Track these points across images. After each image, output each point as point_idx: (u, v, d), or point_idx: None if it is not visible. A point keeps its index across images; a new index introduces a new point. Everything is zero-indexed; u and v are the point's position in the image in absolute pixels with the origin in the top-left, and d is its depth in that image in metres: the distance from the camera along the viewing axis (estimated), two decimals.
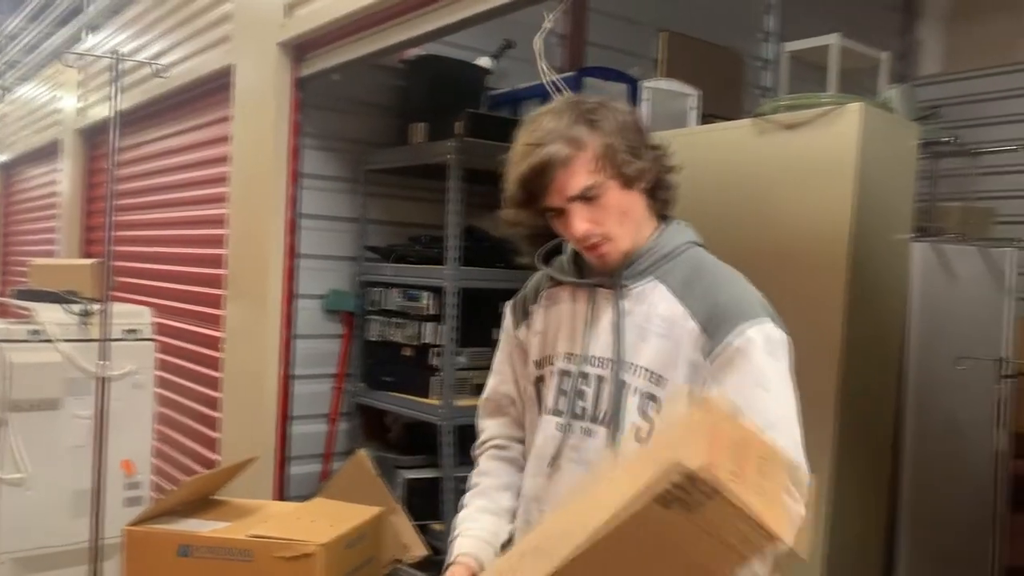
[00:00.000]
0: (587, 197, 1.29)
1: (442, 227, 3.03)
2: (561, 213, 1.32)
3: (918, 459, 2.83)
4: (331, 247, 3.43)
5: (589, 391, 1.36)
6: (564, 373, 1.40)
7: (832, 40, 3.45)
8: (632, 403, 1.32)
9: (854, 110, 2.52)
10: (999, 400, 2.82)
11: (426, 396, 3.07)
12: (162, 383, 3.98)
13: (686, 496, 0.94)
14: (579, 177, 1.28)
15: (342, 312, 3.45)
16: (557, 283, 1.48)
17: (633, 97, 3.33)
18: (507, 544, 1.47)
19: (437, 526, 3.01)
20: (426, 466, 3.13)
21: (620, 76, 3.35)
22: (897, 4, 5.06)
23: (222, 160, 3.73)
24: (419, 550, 2.82)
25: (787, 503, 1.00)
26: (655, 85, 3.36)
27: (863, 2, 4.71)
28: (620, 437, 1.31)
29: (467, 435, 3.04)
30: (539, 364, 1.46)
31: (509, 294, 3.43)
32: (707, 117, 3.44)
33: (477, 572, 1.41)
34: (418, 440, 3.31)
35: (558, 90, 2.33)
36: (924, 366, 2.95)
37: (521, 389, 1.53)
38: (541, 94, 3.35)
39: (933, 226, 3.30)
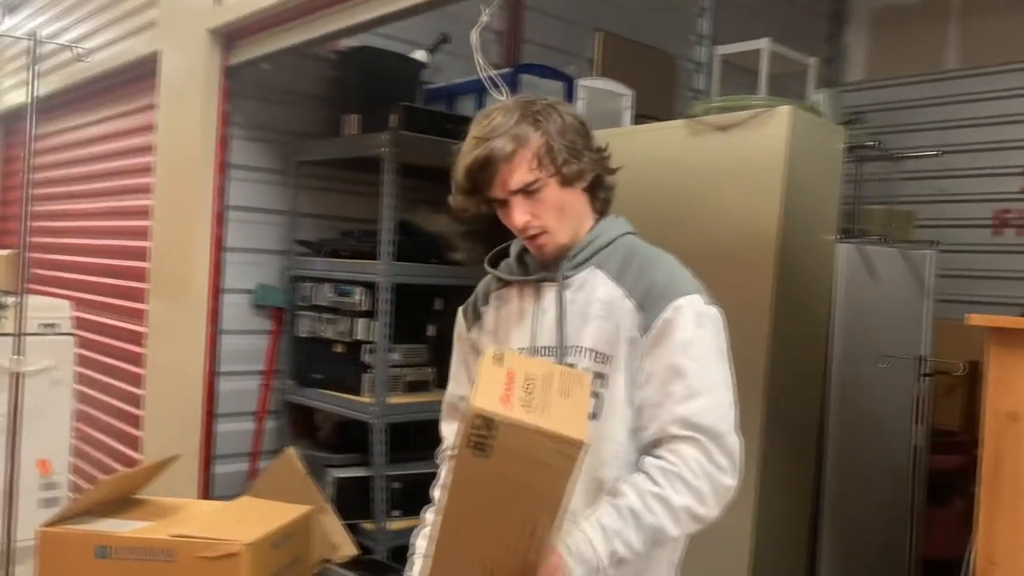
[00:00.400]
0: (527, 192, 1.39)
1: (375, 221, 2.99)
2: (504, 204, 1.41)
3: (840, 453, 2.91)
4: (260, 240, 3.35)
5: None
6: None
7: (763, 44, 3.53)
8: None
9: (783, 113, 2.58)
10: (918, 397, 2.92)
11: (358, 394, 3.03)
12: (82, 379, 3.85)
13: (487, 435, 1.07)
14: (520, 173, 1.38)
15: (271, 307, 3.38)
16: (506, 284, 1.55)
17: (569, 95, 3.34)
18: None
19: (368, 525, 2.97)
20: (357, 464, 3.09)
21: (556, 74, 3.36)
22: (825, 11, 5.20)
23: (147, 149, 3.62)
24: (349, 549, 2.78)
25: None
26: (591, 84, 3.38)
27: (793, 8, 4.82)
28: None
29: (400, 433, 3.02)
30: None
31: (443, 290, 3.44)
32: (641, 117, 3.47)
33: None
34: (349, 439, 3.27)
35: (495, 86, 2.32)
36: (847, 363, 3.03)
37: None
38: (477, 89, 3.35)
39: (857, 228, 3.39)
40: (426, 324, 3.23)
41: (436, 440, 1.60)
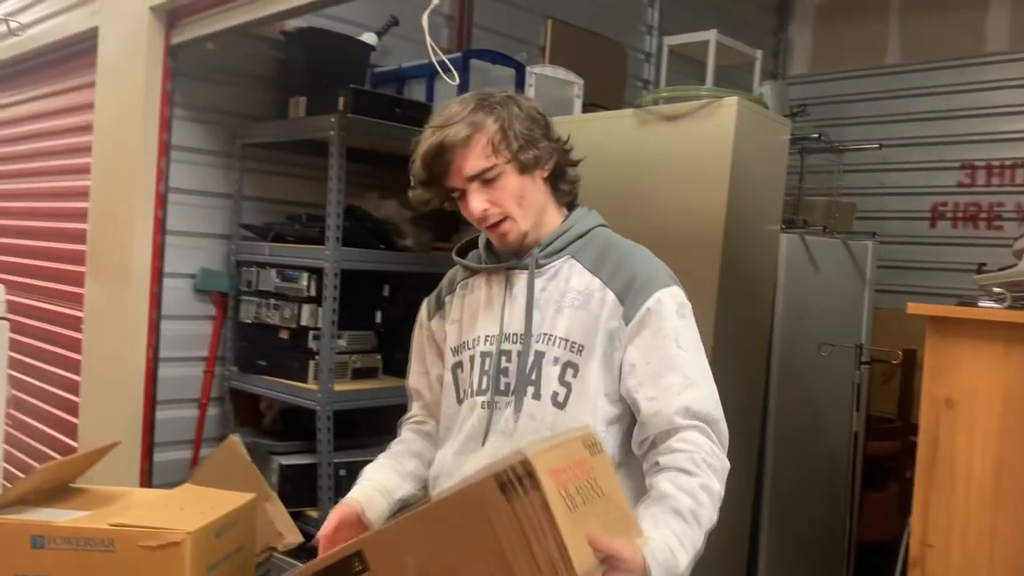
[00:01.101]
0: (485, 179, 1.38)
1: (323, 206, 2.95)
2: (462, 195, 1.40)
3: (781, 439, 2.97)
4: (203, 224, 3.28)
5: (512, 367, 1.42)
6: (485, 355, 1.46)
7: (710, 36, 3.56)
8: (552, 371, 1.39)
9: (731, 104, 2.61)
10: (856, 385, 2.99)
11: (304, 380, 2.99)
12: (16, 365, 3.73)
13: (516, 483, 1.02)
14: (475, 159, 1.37)
15: (214, 293, 3.32)
16: (473, 273, 1.54)
17: (519, 82, 3.33)
18: (407, 508, 1.51)
19: (313, 513, 2.95)
20: (302, 452, 3.06)
21: (507, 60, 3.35)
22: (771, 4, 5.27)
23: (85, 129, 3.51)
24: (294, 537, 2.75)
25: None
26: (540, 71, 3.39)
27: (739, 1, 4.88)
28: (538, 404, 1.39)
29: (346, 420, 2.99)
30: (456, 351, 1.51)
31: (392, 276, 3.41)
32: (590, 106, 3.48)
33: (359, 514, 1.47)
34: (294, 426, 3.23)
35: (445, 70, 2.30)
36: (789, 351, 3.09)
37: (431, 380, 1.60)
38: (427, 73, 3.32)
39: (800, 219, 3.46)
40: (374, 311, 3.21)
41: (383, 427, 1.61)
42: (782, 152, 2.95)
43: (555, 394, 1.38)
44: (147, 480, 3.11)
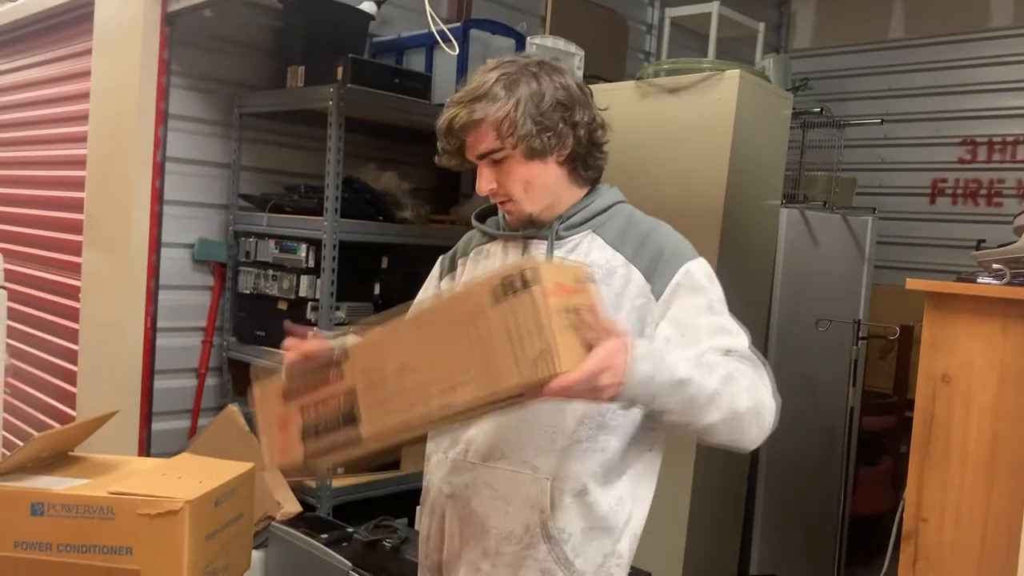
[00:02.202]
0: (493, 160, 1.38)
1: (321, 177, 2.93)
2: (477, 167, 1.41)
3: (777, 413, 2.98)
4: (200, 194, 3.26)
5: None
6: None
7: (712, 8, 3.52)
8: None
9: (732, 77, 2.59)
10: (854, 360, 2.99)
11: None
12: (14, 334, 3.73)
13: (518, 287, 1.04)
14: (484, 141, 1.36)
15: (212, 263, 3.31)
16: (490, 239, 1.53)
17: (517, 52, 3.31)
18: None
19: (310, 483, 2.96)
20: None
21: (507, 31, 3.31)
22: None
23: (82, 97, 3.48)
24: (292, 506, 2.77)
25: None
26: (541, 43, 3.35)
27: None
28: None
29: None
30: None
31: (390, 248, 3.40)
32: (591, 78, 3.45)
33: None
34: None
35: (444, 40, 2.28)
36: (787, 326, 3.10)
37: None
38: (426, 43, 3.29)
39: (800, 193, 3.45)
40: (372, 282, 3.20)
41: None
42: (784, 126, 2.93)
43: None
44: (145, 449, 3.12)
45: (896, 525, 2.09)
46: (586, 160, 1.43)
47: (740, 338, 1.32)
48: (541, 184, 1.40)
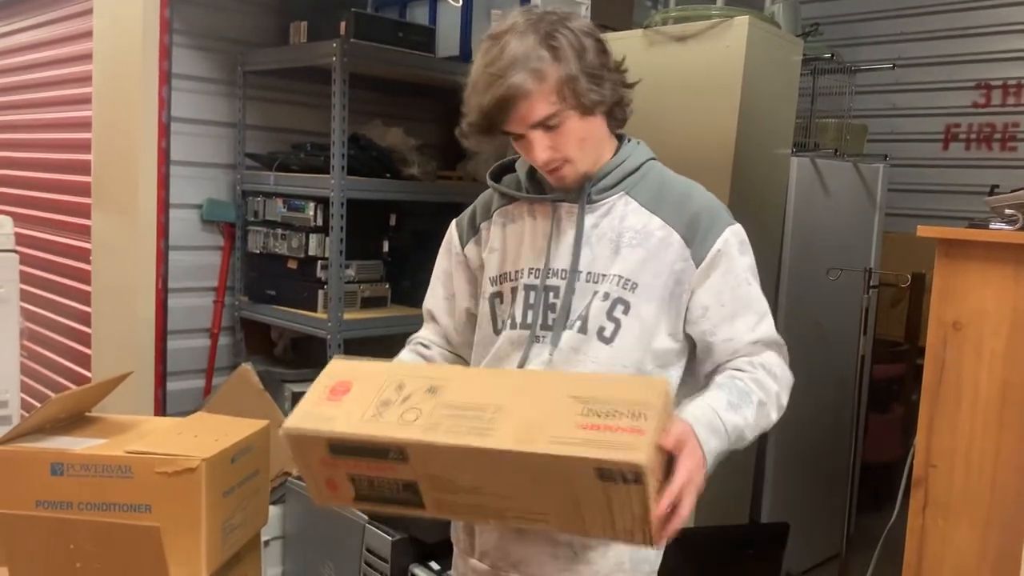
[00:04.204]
0: (548, 126, 1.30)
1: (326, 134, 2.92)
2: (521, 137, 1.32)
3: (789, 362, 2.98)
4: (207, 154, 3.25)
5: (558, 303, 1.38)
6: (529, 288, 1.41)
7: None
8: (601, 307, 1.35)
9: (741, 23, 2.55)
10: (864, 308, 2.99)
11: (313, 310, 3.01)
12: (28, 297, 3.76)
13: (623, 477, 1.00)
14: (540, 108, 1.28)
15: (221, 223, 3.31)
16: (511, 200, 1.47)
17: (523, 4, 3.25)
18: None
19: None
20: (313, 380, 3.09)
21: None
22: None
23: (84, 58, 3.46)
24: None
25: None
26: None
27: None
28: (583, 338, 1.36)
29: (355, 348, 3.01)
30: (498, 280, 1.46)
31: (398, 205, 3.39)
32: (597, 26, 3.40)
33: None
34: (305, 354, 3.26)
35: None
36: (798, 275, 3.08)
37: (455, 306, 1.54)
38: None
39: (811, 141, 3.41)
40: (381, 240, 3.20)
41: (393, 355, 1.58)
42: (794, 73, 2.89)
43: (601, 329, 1.35)
44: (161, 409, 3.16)
45: (906, 472, 2.10)
46: (619, 106, 1.39)
47: (766, 320, 1.37)
48: (594, 139, 1.36)
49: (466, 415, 1.09)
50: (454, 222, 1.56)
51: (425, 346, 1.58)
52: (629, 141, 1.45)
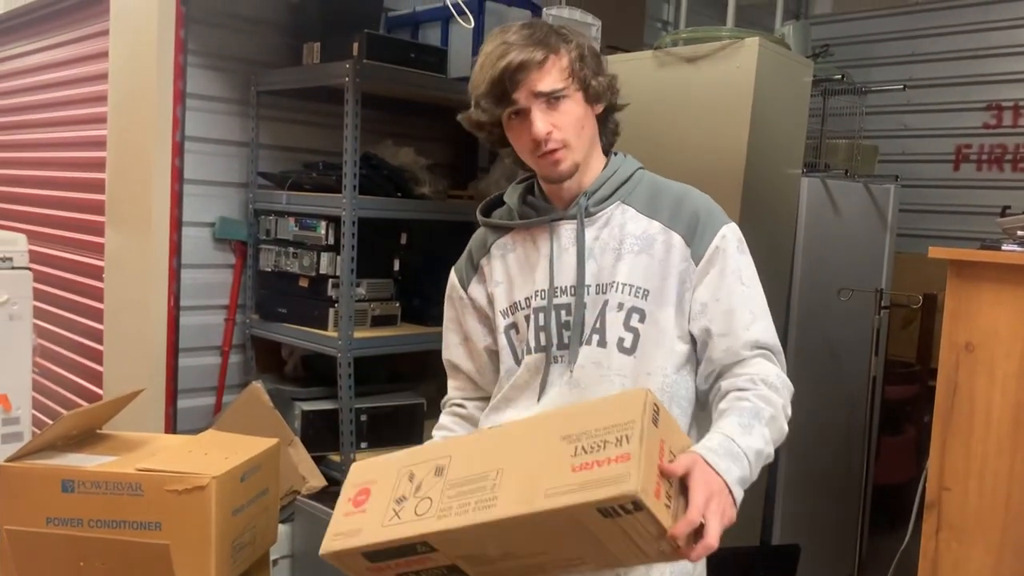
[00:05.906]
0: (553, 98, 1.34)
1: (338, 154, 2.94)
2: (523, 117, 1.35)
3: (800, 383, 2.96)
4: (220, 172, 3.27)
5: (571, 319, 1.39)
6: (539, 311, 1.42)
7: None
8: (617, 317, 1.37)
9: (752, 45, 2.56)
10: (876, 329, 2.97)
11: (324, 328, 3.02)
12: (41, 314, 3.78)
13: (624, 512, 1.01)
14: (550, 78, 1.34)
15: (233, 241, 3.33)
16: (507, 231, 1.49)
17: None
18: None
19: (335, 457, 3.00)
20: (323, 398, 3.09)
21: (523, 2, 3.29)
22: None
23: (100, 78, 3.50)
24: (317, 481, 2.80)
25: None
26: (557, 13, 3.31)
27: None
28: (603, 352, 1.37)
29: (366, 367, 3.02)
30: (509, 312, 1.47)
31: (408, 224, 3.40)
32: (607, 48, 3.42)
33: None
34: (315, 372, 3.26)
35: (460, 13, 2.26)
36: (809, 295, 3.08)
37: (472, 348, 1.54)
38: (441, 17, 3.27)
39: (821, 162, 3.41)
40: (392, 259, 3.21)
41: (403, 374, 1.59)
42: (804, 94, 2.89)
43: (621, 340, 1.36)
44: (171, 427, 3.16)
45: (919, 494, 2.08)
46: (610, 119, 1.46)
47: (763, 321, 1.37)
48: (590, 132, 1.41)
49: (471, 489, 1.12)
50: (452, 269, 1.57)
51: (460, 405, 1.58)
52: (617, 155, 1.48)
